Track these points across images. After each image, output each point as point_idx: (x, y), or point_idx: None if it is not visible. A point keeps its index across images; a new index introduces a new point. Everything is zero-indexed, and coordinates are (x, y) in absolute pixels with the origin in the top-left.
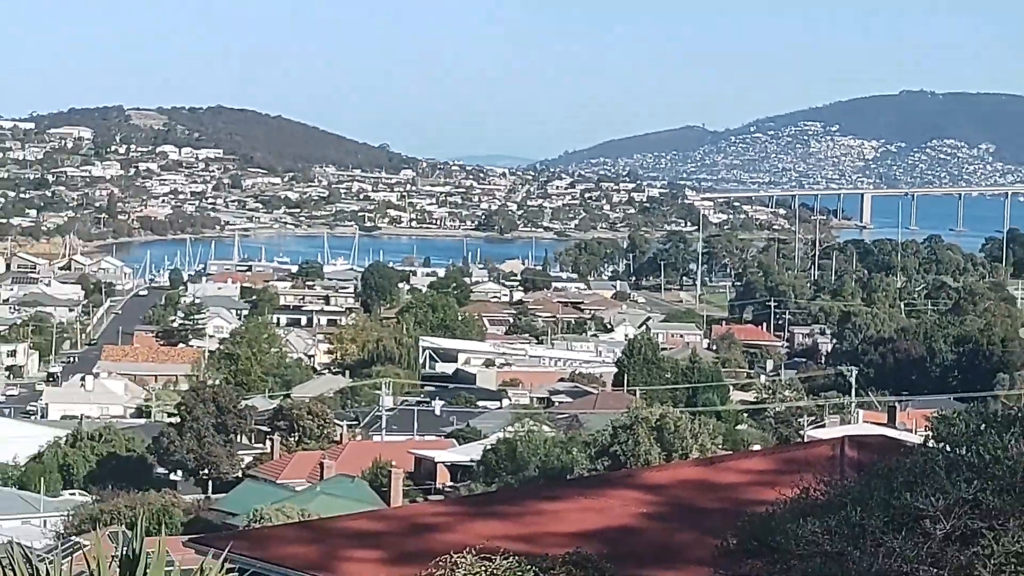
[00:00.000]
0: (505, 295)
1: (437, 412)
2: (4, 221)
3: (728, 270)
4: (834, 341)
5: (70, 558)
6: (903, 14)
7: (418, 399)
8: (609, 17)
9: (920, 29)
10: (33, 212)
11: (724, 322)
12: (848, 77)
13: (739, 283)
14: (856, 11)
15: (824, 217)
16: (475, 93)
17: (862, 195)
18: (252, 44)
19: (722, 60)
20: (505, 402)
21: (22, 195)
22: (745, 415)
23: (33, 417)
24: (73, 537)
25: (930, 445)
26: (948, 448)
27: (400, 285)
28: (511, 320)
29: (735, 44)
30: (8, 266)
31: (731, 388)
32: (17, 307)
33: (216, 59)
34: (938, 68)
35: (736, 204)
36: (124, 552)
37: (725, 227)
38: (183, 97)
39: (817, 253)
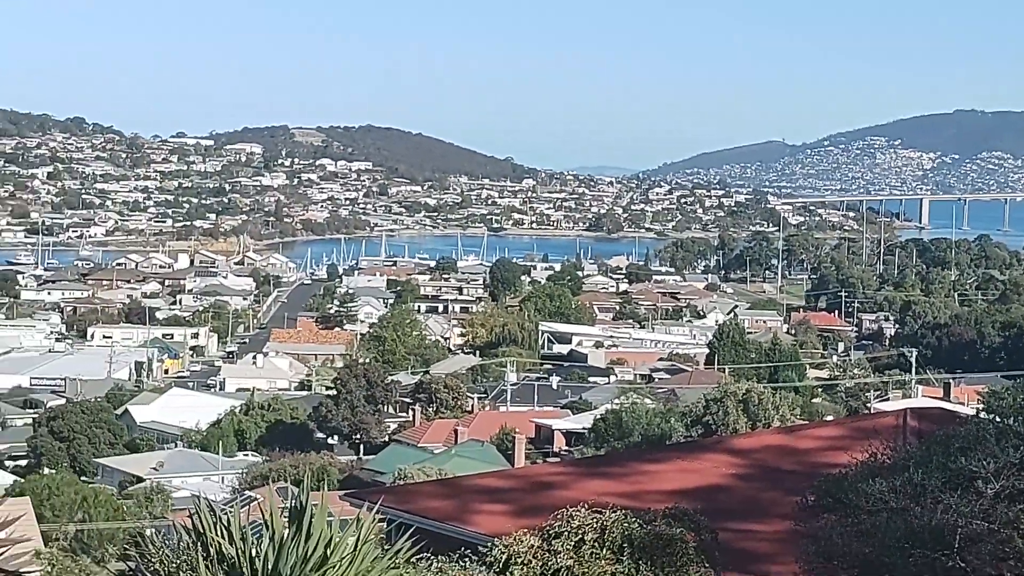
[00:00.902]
0: (612, 286)
1: (554, 386)
2: (188, 223)
3: (804, 265)
4: (896, 326)
5: (245, 509)
6: (957, 43)
7: (538, 375)
8: (703, 45)
9: (971, 55)
10: (213, 216)
11: (801, 310)
12: (909, 98)
13: (814, 276)
14: (916, 41)
15: (888, 219)
16: (587, 112)
17: (921, 200)
18: (396, 72)
19: (800, 82)
20: (612, 378)
21: (203, 201)
22: (819, 390)
23: (213, 389)
24: (247, 491)
25: (982, 416)
26: (997, 418)
27: (522, 278)
28: (617, 308)
29: (812, 68)
30: (192, 262)
31: (807, 367)
32: (199, 297)
33: (367, 85)
34: (987, 90)
35: (812, 208)
36: (292, 504)
37: (802, 228)
38: (339, 118)
39: (882, 250)
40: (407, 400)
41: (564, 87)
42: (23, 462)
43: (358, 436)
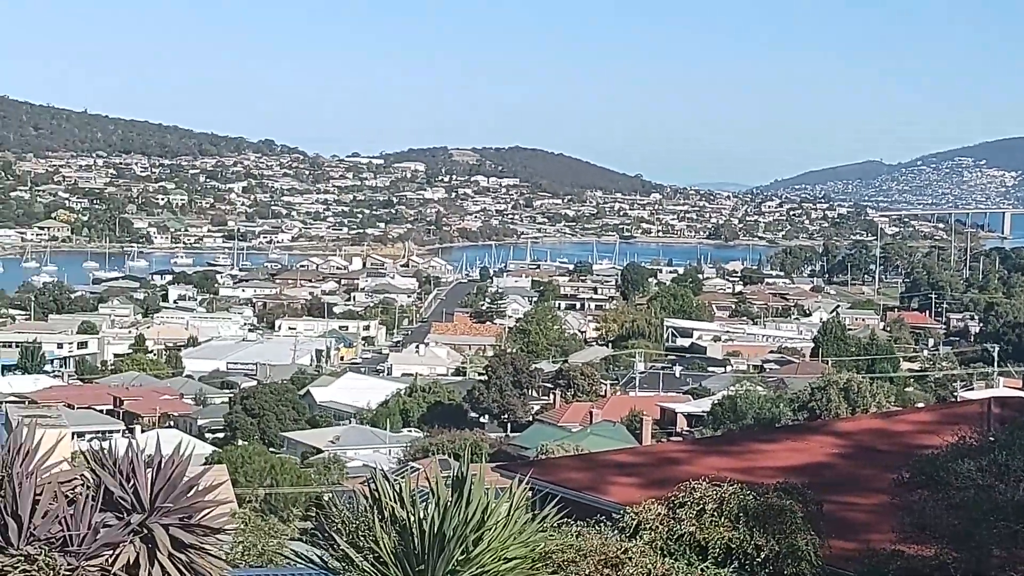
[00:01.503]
0: (728, 288)
1: (677, 375)
2: (361, 231)
3: (899, 270)
4: (980, 325)
5: (409, 478)
6: None
7: (663, 365)
8: (812, 75)
9: None
10: (382, 224)
11: (896, 309)
12: (993, 122)
13: (907, 280)
14: (1000, 70)
15: (973, 230)
16: (708, 133)
17: (1003, 213)
18: (541, 98)
19: (897, 108)
20: (728, 368)
21: (374, 212)
22: (912, 380)
23: (381, 374)
24: (411, 463)
25: None
26: None
27: (650, 280)
28: (733, 306)
29: (907, 96)
30: (364, 264)
31: (901, 360)
32: (370, 294)
33: (515, 110)
34: None
35: (906, 220)
36: (454, 474)
37: (897, 237)
38: (491, 139)
39: (968, 258)
40: (548, 385)
41: (688, 111)
42: (221, 435)
43: (506, 416)
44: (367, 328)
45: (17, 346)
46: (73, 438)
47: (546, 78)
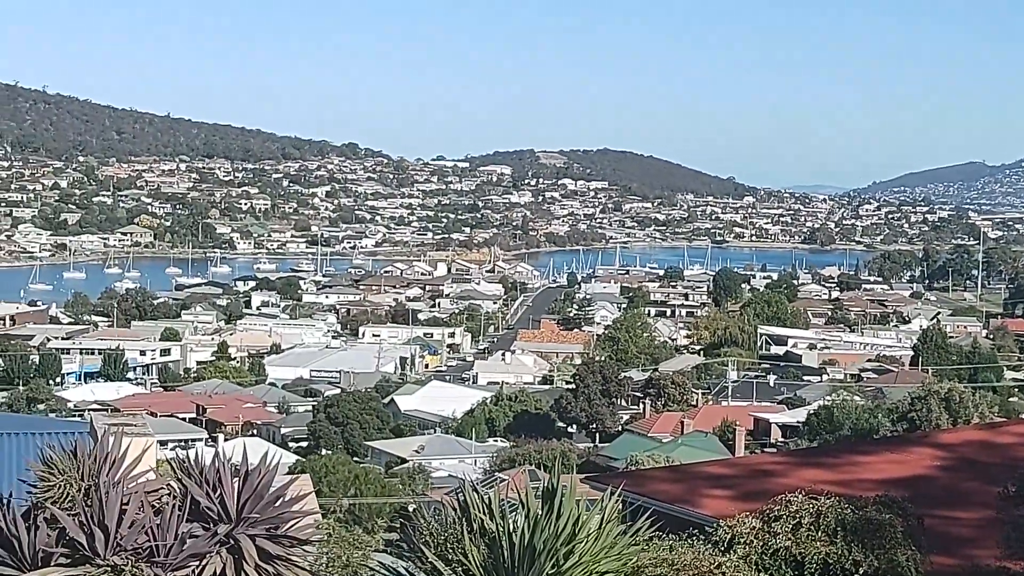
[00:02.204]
0: (824, 294)
1: (771, 384)
2: (446, 236)
3: (1003, 275)
4: None
5: (496, 489)
6: None
7: (756, 374)
8: (911, 74)
9: None
10: (467, 229)
11: (999, 317)
12: None
13: (1011, 286)
14: None
15: None
16: (803, 134)
17: None
18: (630, 100)
19: (1000, 107)
20: (824, 377)
21: (459, 217)
22: (1016, 390)
23: (467, 382)
24: (497, 473)
25: None
26: None
27: (743, 286)
28: (829, 313)
29: (1013, 94)
30: (449, 270)
31: (1004, 368)
32: (455, 300)
33: (604, 112)
34: None
35: (1009, 223)
36: (544, 486)
37: (1000, 242)
38: (579, 142)
39: None
40: (638, 394)
41: (784, 112)
42: (304, 444)
43: (594, 426)
44: (452, 335)
45: (100, 353)
46: (157, 447)
47: (635, 78)
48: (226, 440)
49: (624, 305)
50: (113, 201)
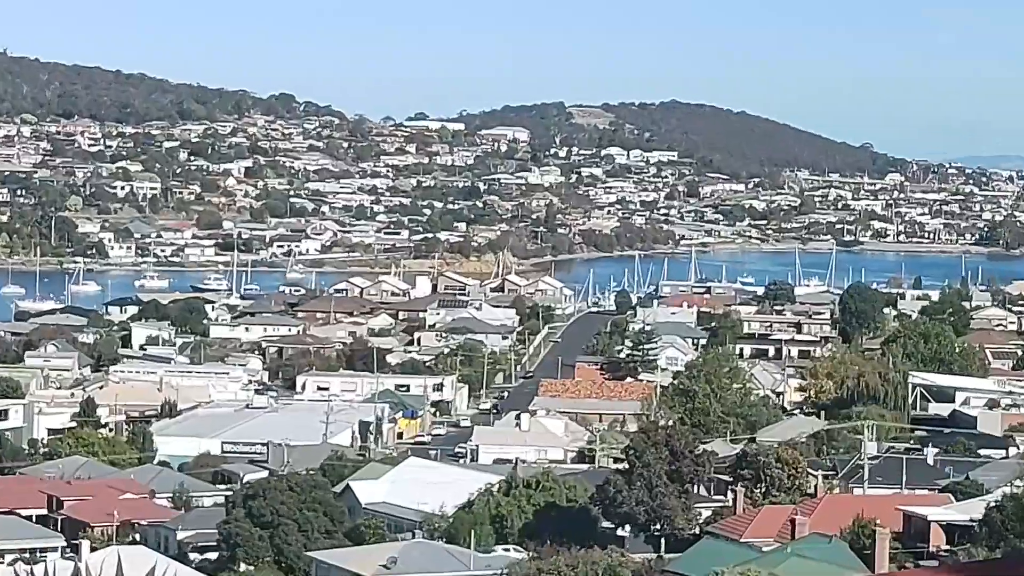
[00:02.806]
0: (1012, 322)
1: (930, 461)
2: (430, 236)
3: None
4: None
5: None
6: None
7: (907, 445)
8: None
9: None
10: (462, 225)
11: None
12: None
13: None
14: None
15: None
16: (971, 81)
17: None
18: (705, 31)
19: None
20: (1012, 451)
21: (450, 206)
22: None
23: (462, 460)
24: None
25: None
26: None
27: (885, 310)
28: (1020, 352)
29: None
30: (435, 287)
31: None
32: (444, 334)
33: (668, 49)
34: None
35: None
36: None
37: None
38: (632, 91)
39: None
40: (725, 478)
41: (942, 52)
42: (213, 555)
43: (658, 526)
44: (439, 388)
45: None
46: None
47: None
48: (93, 550)
49: (703, 341)
50: None
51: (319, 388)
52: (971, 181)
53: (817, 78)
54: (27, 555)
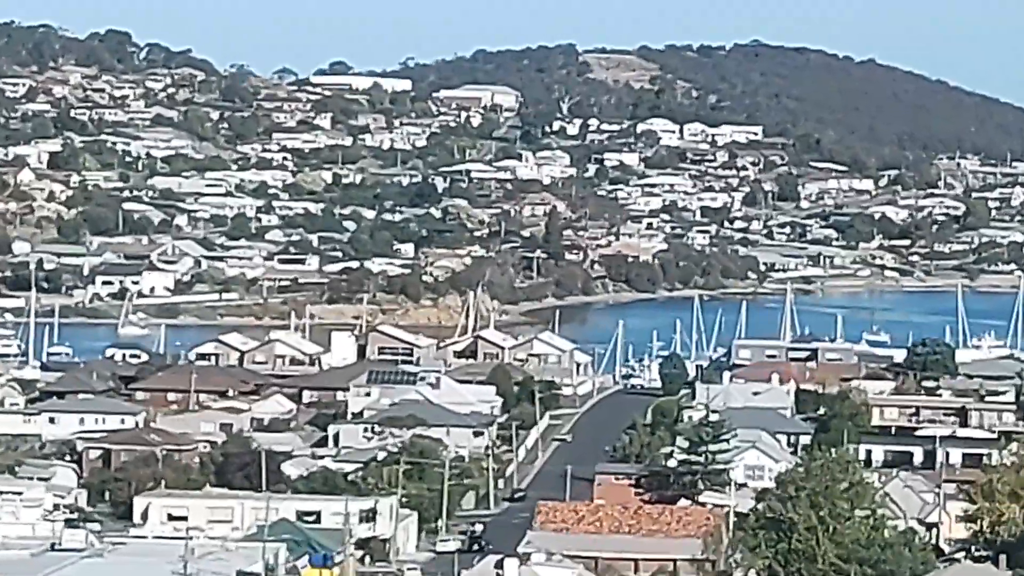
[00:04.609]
0: None
1: None
2: (355, 266)
3: None
4: None
5: None
6: None
7: None
8: None
9: None
10: (408, 248)
11: None
12: None
13: None
14: None
15: None
16: None
17: None
18: None
19: None
20: None
21: (386, 216)
22: None
23: None
24: None
25: None
26: None
27: None
28: None
29: None
30: (362, 351)
31: None
32: (378, 429)
33: None
34: None
35: None
36: None
37: None
38: (686, 30)
39: None
40: None
41: None
42: None
43: None
44: (371, 518)
45: None
46: None
47: None
48: None
49: (807, 439)
50: None
51: (171, 517)
52: None
53: (990, 10)
54: None
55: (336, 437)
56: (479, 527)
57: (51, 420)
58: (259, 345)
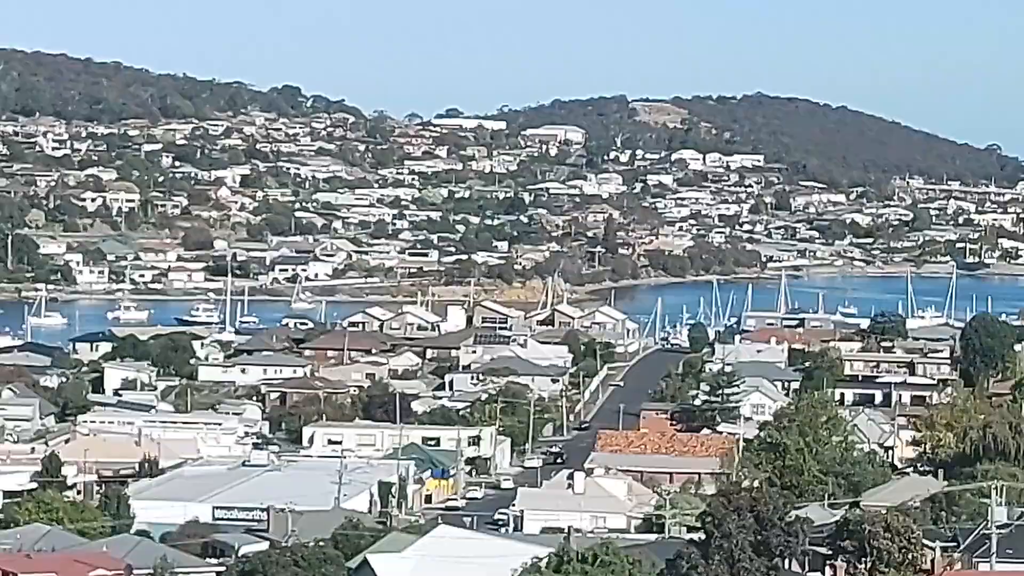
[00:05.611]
0: None
1: None
2: (465, 258)
3: None
4: None
5: None
6: None
7: None
8: None
9: None
10: (503, 245)
11: None
12: None
13: None
14: None
15: None
16: None
17: None
18: (795, 10)
19: None
20: None
21: (488, 222)
22: None
23: (504, 529)
24: None
25: None
26: None
27: (1017, 347)
28: None
29: None
30: (470, 320)
31: None
32: (482, 377)
33: (752, 33)
34: None
35: None
36: None
37: None
38: (708, 84)
39: None
40: (822, 551)
41: None
42: None
43: None
44: (476, 442)
45: None
46: None
47: None
48: None
49: (796, 385)
50: None
51: (330, 442)
52: None
53: (933, 66)
54: None
55: (451, 383)
56: (556, 449)
57: (242, 371)
58: (394, 316)
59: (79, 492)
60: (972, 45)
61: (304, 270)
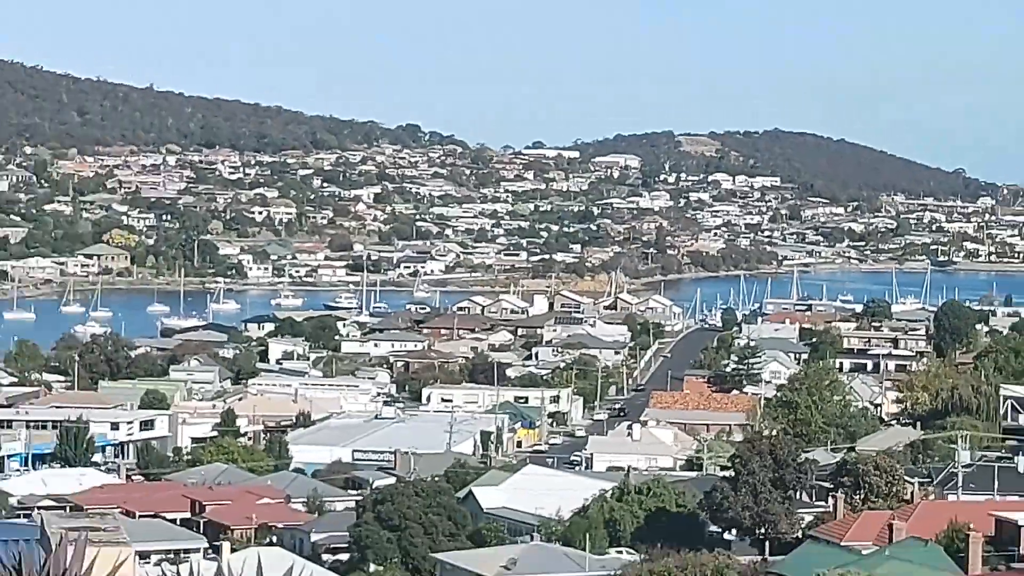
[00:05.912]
0: None
1: (1020, 469)
2: (547, 257)
3: None
4: None
5: None
6: None
7: (998, 454)
8: None
9: None
10: (577, 247)
11: None
12: None
13: None
14: None
15: None
16: None
17: None
18: (813, 63)
19: None
20: None
21: (565, 229)
22: None
23: (577, 468)
24: None
25: None
26: None
27: (977, 326)
28: None
29: None
30: (551, 305)
31: None
32: (560, 349)
33: (772, 80)
34: None
35: None
36: None
37: None
38: (738, 120)
39: None
40: (826, 485)
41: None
42: (344, 556)
43: (763, 530)
44: (556, 400)
45: (55, 427)
46: (136, 560)
47: (819, 39)
48: (234, 551)
49: (804, 355)
50: (73, 210)
51: (443, 400)
52: None
53: (913, 107)
54: (172, 556)
55: (536, 355)
56: (618, 406)
57: (375, 345)
58: (493, 302)
59: (249, 439)
60: (943, 94)
61: (423, 267)
